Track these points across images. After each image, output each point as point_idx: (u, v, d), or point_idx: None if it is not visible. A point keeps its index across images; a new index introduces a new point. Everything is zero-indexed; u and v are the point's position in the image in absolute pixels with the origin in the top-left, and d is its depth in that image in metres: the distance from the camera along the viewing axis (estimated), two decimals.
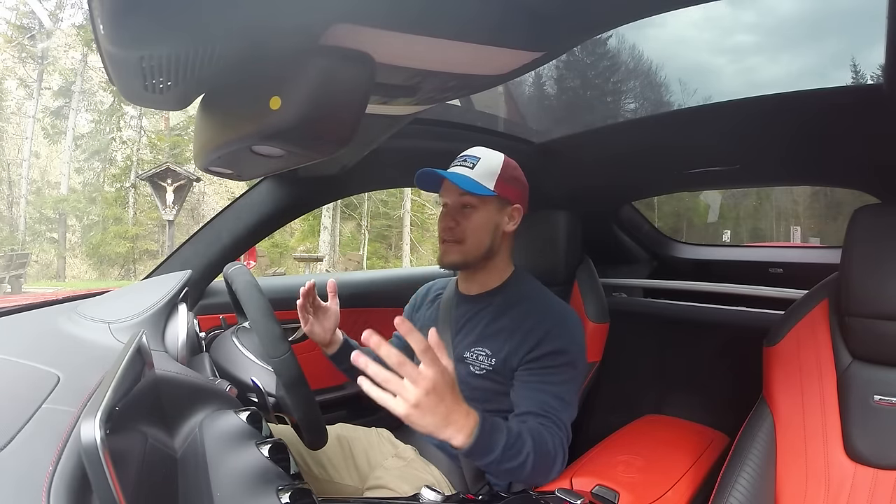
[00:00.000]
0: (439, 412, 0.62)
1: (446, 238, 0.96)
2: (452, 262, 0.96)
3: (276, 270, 12.02)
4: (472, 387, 0.94)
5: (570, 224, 1.29)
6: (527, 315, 0.92)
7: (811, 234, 9.02)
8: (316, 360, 1.41)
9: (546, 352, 0.87)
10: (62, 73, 14.40)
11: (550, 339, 0.87)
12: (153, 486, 0.43)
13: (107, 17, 0.35)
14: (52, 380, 0.48)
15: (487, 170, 0.94)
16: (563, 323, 0.91)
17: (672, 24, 1.23)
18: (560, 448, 0.81)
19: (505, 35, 0.53)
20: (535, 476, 0.79)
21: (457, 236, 0.95)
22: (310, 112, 0.42)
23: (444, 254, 0.96)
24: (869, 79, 0.90)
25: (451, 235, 0.95)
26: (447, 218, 0.96)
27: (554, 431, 0.81)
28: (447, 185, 0.96)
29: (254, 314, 0.68)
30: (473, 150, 0.97)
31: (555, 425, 0.82)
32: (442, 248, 0.97)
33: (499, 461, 0.70)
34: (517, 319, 0.92)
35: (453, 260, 0.96)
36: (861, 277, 0.76)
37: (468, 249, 0.95)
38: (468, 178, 0.92)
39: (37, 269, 13.22)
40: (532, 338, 0.88)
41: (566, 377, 0.87)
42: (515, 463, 0.73)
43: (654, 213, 5.83)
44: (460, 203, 0.95)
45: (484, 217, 0.95)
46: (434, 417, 0.62)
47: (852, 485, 0.74)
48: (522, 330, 0.90)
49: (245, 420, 0.54)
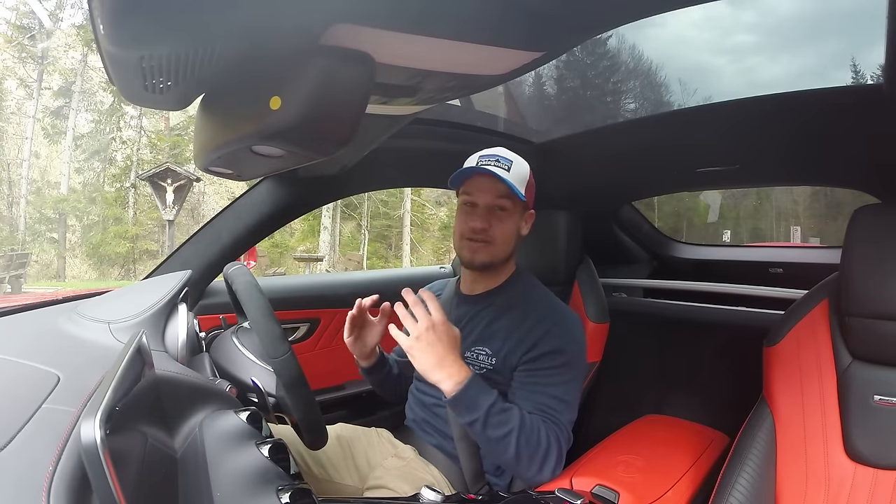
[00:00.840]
0: (436, 351, 0.78)
1: (475, 238, 0.93)
2: (482, 262, 0.94)
3: (276, 270, 12.02)
4: None
5: (570, 224, 1.29)
6: (526, 315, 0.92)
7: (811, 234, 9.03)
8: (316, 360, 1.42)
9: (544, 352, 0.87)
10: (62, 73, 14.40)
11: (549, 338, 0.87)
12: (153, 486, 0.43)
13: (107, 17, 0.35)
14: (52, 380, 0.47)
15: (520, 174, 0.93)
16: (561, 323, 0.91)
17: (672, 24, 1.23)
18: (555, 444, 0.81)
19: (505, 35, 0.53)
20: (523, 463, 0.79)
21: (487, 237, 0.93)
22: (310, 112, 0.42)
23: (475, 253, 0.94)
24: (869, 79, 0.90)
25: (483, 236, 0.93)
26: (478, 218, 0.92)
27: (550, 427, 0.81)
28: (481, 183, 0.93)
29: (254, 314, 0.68)
30: (503, 152, 0.94)
31: (553, 423, 0.82)
32: (469, 247, 0.94)
33: (483, 424, 0.76)
34: (517, 319, 0.92)
35: (483, 260, 0.94)
36: (861, 277, 0.76)
37: (497, 252, 0.94)
38: (509, 181, 0.90)
39: (37, 269, 13.22)
40: (530, 338, 0.88)
41: (565, 378, 0.87)
42: (500, 433, 0.77)
43: (654, 213, 5.83)
44: (496, 205, 0.92)
45: (514, 221, 0.95)
46: (430, 356, 0.77)
47: (852, 485, 0.74)
48: (521, 330, 0.90)
49: (245, 420, 0.54)
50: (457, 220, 0.98)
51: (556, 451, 0.81)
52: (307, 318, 1.42)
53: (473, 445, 0.92)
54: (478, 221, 0.92)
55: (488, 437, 0.77)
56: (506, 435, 0.77)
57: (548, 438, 0.80)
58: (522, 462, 0.79)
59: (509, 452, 0.77)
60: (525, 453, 0.78)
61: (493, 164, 0.91)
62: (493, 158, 0.92)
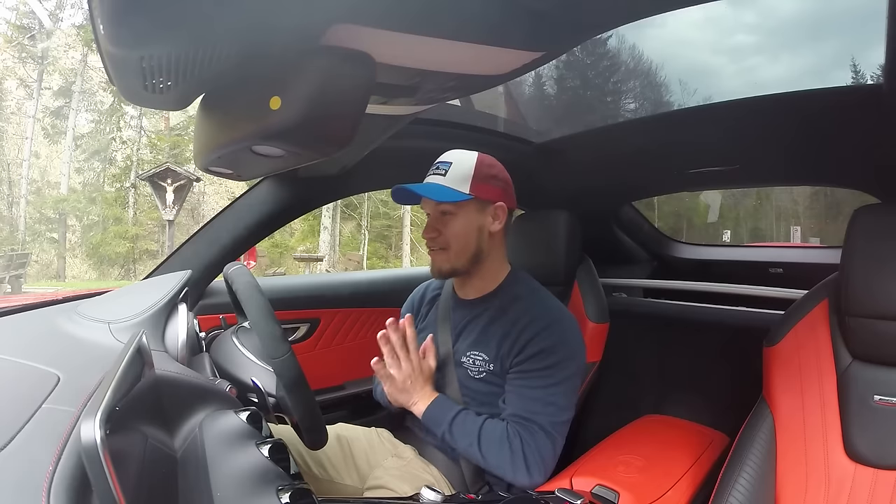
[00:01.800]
0: (411, 393, 0.91)
1: (431, 247, 0.97)
2: (443, 271, 0.96)
3: (276, 270, 12.01)
4: (469, 389, 0.95)
5: (570, 224, 1.29)
6: (519, 318, 0.92)
7: (811, 234, 9.02)
8: (316, 360, 1.41)
9: (533, 353, 0.87)
10: (62, 73, 14.40)
11: (538, 340, 0.88)
12: (153, 486, 0.43)
13: (107, 17, 0.35)
14: (52, 380, 0.47)
15: (460, 174, 0.92)
16: (554, 324, 0.90)
17: (672, 24, 1.23)
18: (530, 448, 0.83)
19: (505, 35, 0.53)
20: (498, 469, 0.85)
21: (440, 244, 0.95)
22: (310, 112, 0.42)
23: (434, 263, 0.97)
24: (869, 79, 0.90)
25: (435, 244, 0.95)
26: (429, 228, 0.96)
27: (525, 432, 0.83)
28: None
29: (254, 314, 0.68)
30: (445, 156, 0.96)
31: (531, 428, 0.84)
32: (431, 258, 0.98)
33: (449, 435, 0.87)
34: (509, 322, 0.92)
35: (443, 268, 0.96)
36: (861, 277, 0.76)
37: (454, 256, 0.95)
38: (440, 186, 0.91)
39: (37, 269, 13.22)
40: (521, 339, 0.89)
41: (553, 380, 0.86)
42: (464, 443, 0.86)
43: (654, 213, 5.82)
44: (439, 211, 0.95)
45: (464, 221, 0.94)
46: (405, 396, 0.92)
47: (852, 485, 0.74)
48: (514, 332, 0.90)
49: (245, 420, 0.54)
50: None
51: (535, 455, 0.83)
52: (307, 318, 1.42)
53: None
54: (428, 230, 0.96)
55: (458, 447, 0.88)
56: (469, 444, 0.85)
57: (519, 443, 0.83)
58: (495, 468, 0.85)
59: (479, 460, 0.86)
60: (493, 460, 0.84)
61: (433, 172, 0.95)
62: (434, 167, 0.95)
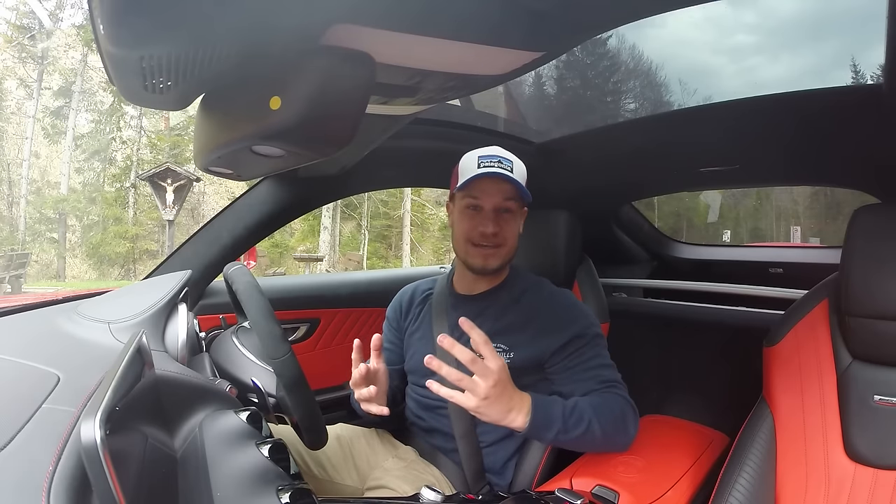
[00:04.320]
0: (503, 400, 0.70)
1: (485, 243, 0.91)
2: (493, 268, 0.94)
3: (276, 270, 12.01)
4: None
5: (570, 224, 1.29)
6: (535, 309, 0.93)
7: (811, 234, 9.01)
8: (316, 360, 1.42)
9: (570, 337, 0.89)
10: (62, 73, 14.39)
11: (569, 325, 0.90)
12: (153, 486, 0.43)
13: (107, 17, 0.35)
14: (52, 380, 0.48)
15: (522, 173, 0.92)
16: (572, 306, 0.94)
17: (672, 24, 1.23)
18: (627, 404, 0.84)
19: (505, 35, 0.53)
20: (612, 438, 0.82)
21: (498, 241, 0.91)
22: (310, 112, 0.42)
23: (487, 259, 0.92)
24: (869, 79, 0.90)
25: (492, 241, 0.91)
26: (487, 222, 0.90)
27: (613, 393, 0.85)
28: (487, 185, 0.90)
29: (254, 314, 0.68)
30: (502, 152, 0.92)
31: (613, 387, 0.86)
32: (480, 253, 0.92)
33: (564, 430, 0.76)
34: (525, 313, 0.93)
35: (495, 265, 0.93)
36: (861, 277, 0.76)
37: (506, 254, 0.93)
38: (519, 181, 0.89)
39: (37, 269, 13.21)
40: (552, 329, 0.90)
41: (599, 348, 0.90)
42: (581, 429, 0.77)
43: (654, 213, 5.82)
44: (503, 207, 0.91)
45: (518, 222, 0.95)
46: (500, 405, 0.70)
47: (852, 485, 0.74)
48: (536, 325, 0.91)
49: (245, 420, 0.54)
50: (459, 225, 0.94)
51: (630, 409, 0.85)
52: (307, 318, 1.42)
53: (474, 445, 0.92)
54: (489, 226, 0.90)
55: (572, 438, 0.77)
56: (587, 428, 0.77)
57: (620, 405, 0.83)
58: (611, 438, 0.82)
59: (597, 439, 0.79)
60: (610, 430, 0.81)
61: (497, 165, 0.90)
62: (494, 160, 0.90)
